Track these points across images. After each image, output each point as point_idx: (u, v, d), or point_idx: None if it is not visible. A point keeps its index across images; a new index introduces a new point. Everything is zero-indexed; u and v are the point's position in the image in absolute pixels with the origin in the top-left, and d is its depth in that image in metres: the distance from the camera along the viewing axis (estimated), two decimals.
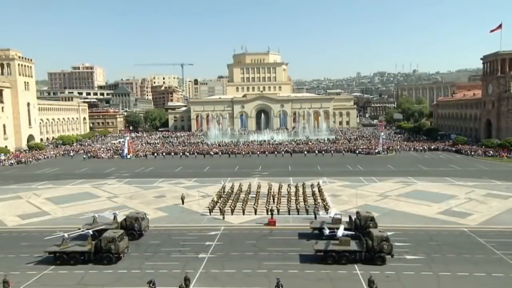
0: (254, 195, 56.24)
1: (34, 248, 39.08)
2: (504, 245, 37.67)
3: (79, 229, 40.26)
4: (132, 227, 41.34)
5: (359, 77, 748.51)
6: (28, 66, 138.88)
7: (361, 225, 40.56)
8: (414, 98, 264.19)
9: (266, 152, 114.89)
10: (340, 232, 36.88)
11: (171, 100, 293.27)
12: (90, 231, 38.22)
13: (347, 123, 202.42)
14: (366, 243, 34.22)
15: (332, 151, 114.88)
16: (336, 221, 41.34)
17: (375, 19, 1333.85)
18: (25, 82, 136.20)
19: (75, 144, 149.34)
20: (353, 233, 38.05)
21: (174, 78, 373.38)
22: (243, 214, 49.44)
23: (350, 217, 43.00)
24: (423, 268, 33.01)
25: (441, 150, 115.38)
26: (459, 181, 68.57)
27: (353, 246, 34.85)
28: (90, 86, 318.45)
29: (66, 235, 37.15)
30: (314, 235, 40.68)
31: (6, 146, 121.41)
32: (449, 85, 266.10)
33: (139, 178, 79.78)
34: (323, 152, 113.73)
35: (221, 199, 54.95)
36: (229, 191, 60.45)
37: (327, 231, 38.58)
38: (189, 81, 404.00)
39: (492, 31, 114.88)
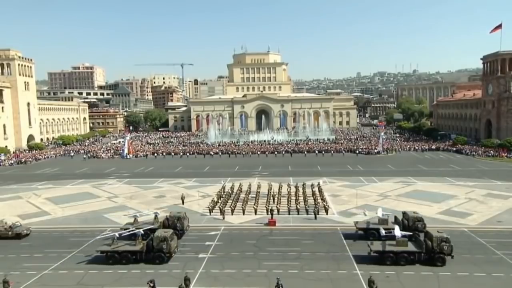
0: (254, 195, 56.25)
1: (34, 248, 39.12)
2: (504, 245, 37.68)
3: (121, 229, 40.18)
4: (175, 227, 41.20)
5: (359, 77, 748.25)
6: (28, 66, 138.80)
7: (408, 226, 39.95)
8: (414, 98, 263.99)
9: (266, 152, 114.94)
10: (398, 232, 36.16)
11: (171, 100, 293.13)
12: (141, 231, 37.84)
13: (347, 123, 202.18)
14: (425, 244, 33.67)
15: (332, 151, 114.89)
16: (383, 221, 40.92)
17: (375, 19, 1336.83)
18: (25, 82, 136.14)
19: (75, 144, 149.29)
20: (410, 233, 37.48)
21: (174, 78, 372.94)
22: (243, 214, 49.46)
23: (396, 218, 42.51)
24: (423, 268, 32.98)
25: (441, 150, 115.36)
26: (459, 181, 68.58)
27: (411, 247, 34.36)
28: (90, 86, 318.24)
29: (117, 234, 37.03)
30: (359, 236, 40.38)
31: (6, 146, 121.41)
32: (449, 85, 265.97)
33: (139, 178, 79.80)
34: (323, 152, 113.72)
35: (221, 199, 54.96)
36: (229, 191, 60.45)
37: (383, 232, 38.11)
38: (189, 81, 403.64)
39: (492, 31, 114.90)
